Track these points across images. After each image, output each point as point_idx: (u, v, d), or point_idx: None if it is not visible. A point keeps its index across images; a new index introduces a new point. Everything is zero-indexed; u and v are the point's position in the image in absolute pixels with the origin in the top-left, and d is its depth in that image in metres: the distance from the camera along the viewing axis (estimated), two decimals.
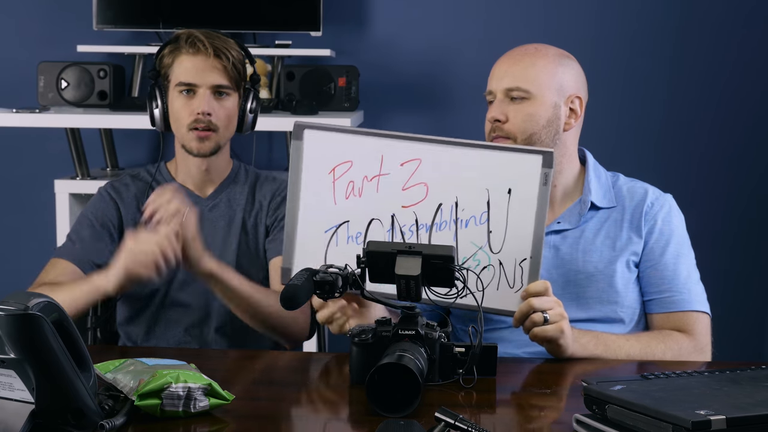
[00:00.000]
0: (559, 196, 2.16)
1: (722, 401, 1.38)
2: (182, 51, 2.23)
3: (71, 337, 1.39)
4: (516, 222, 1.85)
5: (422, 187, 1.88)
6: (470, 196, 1.87)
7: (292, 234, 1.92)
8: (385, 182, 1.89)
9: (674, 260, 2.12)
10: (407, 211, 1.88)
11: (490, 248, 1.87)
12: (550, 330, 1.84)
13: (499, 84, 2.11)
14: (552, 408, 1.67)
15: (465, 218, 1.87)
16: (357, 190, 1.89)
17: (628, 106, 3.71)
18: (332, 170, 1.90)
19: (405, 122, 3.74)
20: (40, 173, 3.64)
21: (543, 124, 2.09)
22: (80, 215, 2.30)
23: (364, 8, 3.74)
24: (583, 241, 2.12)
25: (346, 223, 1.90)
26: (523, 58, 2.12)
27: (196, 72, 2.22)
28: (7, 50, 3.77)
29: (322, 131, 1.91)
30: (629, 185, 2.19)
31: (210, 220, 2.29)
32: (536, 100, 2.09)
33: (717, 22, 3.68)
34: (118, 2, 3.59)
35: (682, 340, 2.04)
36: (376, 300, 1.75)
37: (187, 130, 2.23)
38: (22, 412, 1.38)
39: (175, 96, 2.24)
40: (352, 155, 1.89)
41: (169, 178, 2.33)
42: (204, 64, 2.22)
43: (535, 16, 3.71)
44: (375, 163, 1.89)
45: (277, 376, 1.90)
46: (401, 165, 1.88)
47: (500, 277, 1.87)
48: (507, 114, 2.09)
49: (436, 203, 1.88)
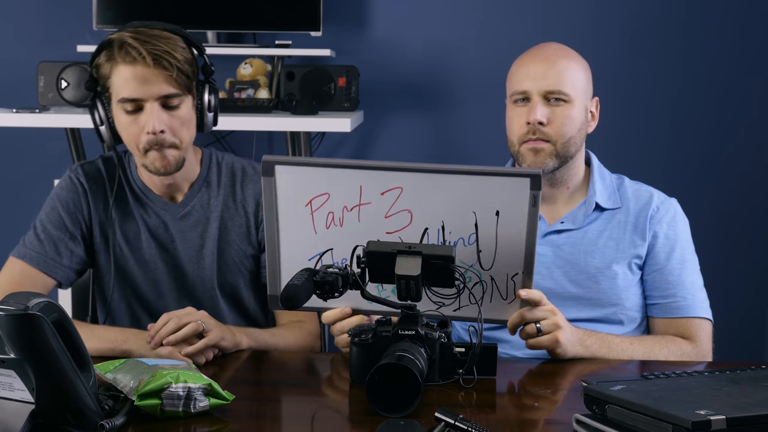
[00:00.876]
0: (565, 197, 2.16)
1: (722, 401, 1.38)
2: (117, 59, 1.97)
3: (71, 337, 1.39)
4: (505, 241, 1.78)
5: (406, 214, 1.79)
6: (456, 220, 1.78)
7: (275, 263, 1.83)
8: (365, 211, 1.79)
9: (679, 266, 2.11)
10: (392, 237, 1.79)
11: (480, 266, 1.80)
12: (544, 341, 1.83)
13: (536, 85, 2.07)
14: (552, 408, 1.67)
15: (452, 240, 1.79)
16: (338, 220, 1.80)
17: (628, 109, 3.71)
18: (309, 203, 1.79)
19: (405, 122, 3.74)
20: (40, 173, 3.64)
21: (578, 127, 2.10)
22: (50, 207, 2.14)
23: (364, 8, 3.74)
24: (586, 241, 2.12)
25: (330, 250, 1.81)
26: (557, 60, 2.09)
27: (137, 84, 1.95)
28: (7, 50, 3.77)
29: (294, 166, 1.79)
30: (634, 188, 2.18)
31: (181, 230, 2.14)
32: (573, 103, 2.08)
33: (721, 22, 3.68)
34: (118, 2, 3.59)
35: (685, 346, 2.04)
36: (376, 300, 1.75)
37: (143, 152, 2.01)
38: (22, 412, 1.38)
39: (120, 112, 2.00)
40: (328, 188, 1.78)
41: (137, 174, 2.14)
42: (145, 73, 1.95)
43: (535, 16, 3.70)
44: (354, 194, 1.78)
45: (277, 376, 1.89)
46: (381, 194, 1.78)
47: (492, 292, 1.82)
48: (547, 116, 2.07)
49: (421, 228, 1.79)
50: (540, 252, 2.05)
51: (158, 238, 2.14)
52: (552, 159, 2.07)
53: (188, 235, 2.14)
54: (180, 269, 2.15)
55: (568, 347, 1.87)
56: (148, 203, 2.15)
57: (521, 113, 2.09)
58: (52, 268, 2.08)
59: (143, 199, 2.15)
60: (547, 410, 1.65)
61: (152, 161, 2.02)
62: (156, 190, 2.14)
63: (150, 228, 2.14)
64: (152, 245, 2.14)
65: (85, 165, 2.17)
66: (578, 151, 2.13)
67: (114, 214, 2.13)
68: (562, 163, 2.09)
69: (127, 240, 2.14)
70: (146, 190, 2.15)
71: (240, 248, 2.16)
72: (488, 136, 3.15)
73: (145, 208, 2.15)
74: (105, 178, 2.15)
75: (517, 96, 2.10)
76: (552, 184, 2.12)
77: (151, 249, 2.14)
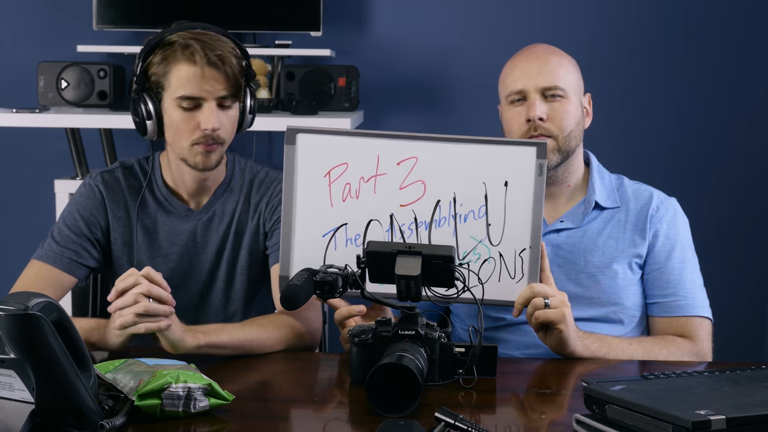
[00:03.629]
0: (565, 195, 2.17)
1: (722, 401, 1.38)
2: (179, 59, 2.04)
3: (71, 337, 1.39)
4: (514, 214, 1.87)
5: (420, 185, 1.88)
6: (468, 191, 1.87)
7: (289, 241, 1.89)
8: (382, 182, 1.88)
9: (680, 264, 2.12)
10: (406, 210, 1.88)
11: (489, 241, 1.88)
12: (552, 313, 1.84)
13: (532, 83, 2.09)
14: (552, 408, 1.67)
15: (464, 213, 1.88)
16: (354, 192, 1.88)
17: (628, 108, 3.71)
18: (327, 173, 1.89)
19: (405, 122, 3.74)
20: (40, 173, 3.64)
21: (576, 121, 2.12)
22: (68, 211, 2.17)
23: (364, 8, 3.74)
24: (585, 240, 2.12)
25: (344, 225, 1.89)
26: (550, 57, 2.12)
27: (199, 84, 2.04)
28: (7, 50, 3.77)
29: (316, 134, 1.89)
30: (634, 187, 2.19)
31: (202, 236, 2.17)
32: (569, 98, 2.11)
33: (718, 21, 3.68)
34: (118, 2, 3.59)
35: (685, 346, 2.05)
36: (376, 300, 1.75)
37: (190, 144, 2.07)
38: (22, 412, 1.38)
39: (174, 108, 2.06)
40: (347, 157, 1.88)
41: (161, 180, 2.18)
42: (206, 74, 2.03)
43: (534, 16, 3.70)
44: (371, 164, 1.88)
45: (277, 376, 1.90)
46: (398, 164, 1.88)
47: (501, 269, 1.88)
48: (546, 112, 2.09)
49: (434, 200, 1.88)
50: None
51: (179, 244, 2.17)
52: (555, 154, 2.09)
53: (210, 239, 2.18)
54: (199, 275, 2.18)
55: (572, 332, 1.87)
56: (171, 210, 2.17)
57: (520, 112, 2.10)
58: (69, 266, 2.11)
59: (166, 206, 2.18)
60: (547, 410, 1.65)
61: (195, 155, 2.08)
62: (184, 191, 2.17)
63: (170, 235, 2.17)
64: (172, 251, 2.17)
65: (105, 173, 2.20)
66: (578, 147, 2.15)
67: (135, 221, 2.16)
68: (564, 158, 2.10)
69: (149, 247, 2.16)
70: (169, 197, 2.18)
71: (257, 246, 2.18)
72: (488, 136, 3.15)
73: (167, 215, 2.17)
74: (124, 187, 2.18)
75: (514, 96, 2.12)
76: (553, 182, 2.13)
77: (171, 255, 2.17)
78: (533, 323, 1.86)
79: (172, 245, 2.17)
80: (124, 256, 2.16)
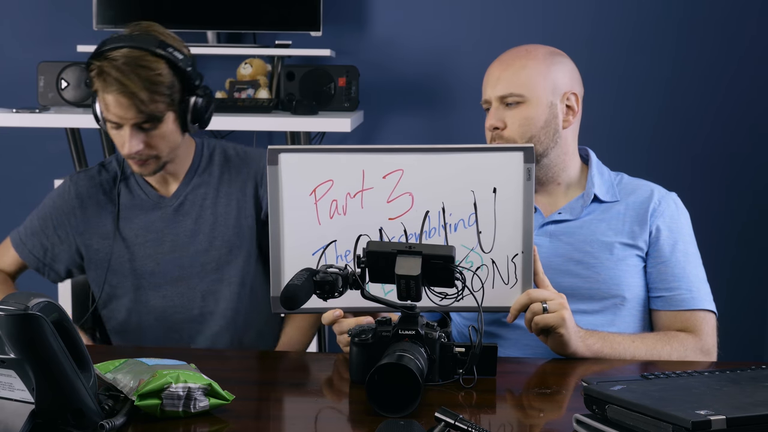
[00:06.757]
0: (562, 191, 2.17)
1: (722, 401, 1.38)
2: (98, 84, 2.07)
3: (71, 337, 1.39)
4: (504, 220, 1.86)
5: (407, 197, 1.87)
6: (456, 200, 1.86)
7: (279, 261, 1.87)
8: (368, 197, 1.86)
9: (683, 258, 2.12)
10: (395, 223, 1.87)
11: (481, 249, 1.87)
12: (551, 318, 1.84)
13: (492, 92, 2.12)
14: (552, 408, 1.67)
15: (453, 222, 1.87)
16: (341, 208, 1.87)
17: (626, 106, 3.71)
18: (313, 191, 1.86)
19: (405, 122, 3.74)
20: (40, 173, 3.64)
21: (541, 125, 2.10)
22: (45, 206, 2.29)
23: (364, 8, 3.74)
24: (584, 231, 2.12)
25: (334, 242, 1.87)
26: (513, 62, 2.12)
27: (114, 111, 2.06)
28: (7, 50, 3.78)
29: (298, 153, 1.88)
30: (634, 183, 2.20)
31: (176, 221, 2.22)
32: (531, 102, 2.10)
33: (716, 20, 3.68)
34: (118, 2, 3.59)
35: (688, 341, 2.04)
36: (375, 300, 1.75)
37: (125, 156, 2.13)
38: (22, 412, 1.38)
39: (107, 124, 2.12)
40: (331, 174, 1.86)
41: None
42: (120, 102, 2.05)
43: (534, 16, 3.70)
44: (357, 179, 1.86)
45: (277, 376, 1.90)
46: (383, 177, 1.86)
47: (494, 276, 1.87)
48: (504, 120, 2.10)
49: (422, 211, 1.87)
50: (537, 242, 2.05)
51: (156, 232, 2.22)
52: None
53: (183, 223, 2.22)
54: (178, 259, 2.22)
55: (572, 333, 1.87)
56: (145, 200, 2.24)
57: (487, 120, 2.14)
58: (22, 251, 2.28)
59: (141, 197, 2.24)
60: (547, 410, 1.65)
61: (132, 164, 2.15)
62: (153, 181, 2.24)
63: (146, 224, 2.22)
64: (149, 240, 2.22)
65: (81, 174, 2.30)
66: (554, 148, 2.12)
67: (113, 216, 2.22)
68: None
69: (126, 238, 2.22)
70: (144, 186, 2.24)
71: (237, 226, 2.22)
72: None
73: (142, 206, 2.24)
74: (101, 185, 2.25)
75: (484, 105, 2.16)
76: (538, 182, 2.13)
77: (148, 243, 2.22)
78: (533, 329, 1.86)
79: (148, 232, 2.22)
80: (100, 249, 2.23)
